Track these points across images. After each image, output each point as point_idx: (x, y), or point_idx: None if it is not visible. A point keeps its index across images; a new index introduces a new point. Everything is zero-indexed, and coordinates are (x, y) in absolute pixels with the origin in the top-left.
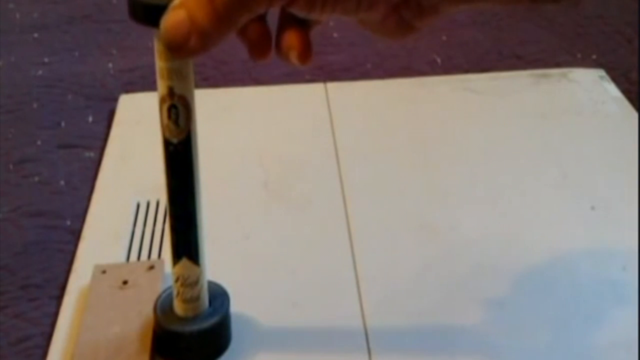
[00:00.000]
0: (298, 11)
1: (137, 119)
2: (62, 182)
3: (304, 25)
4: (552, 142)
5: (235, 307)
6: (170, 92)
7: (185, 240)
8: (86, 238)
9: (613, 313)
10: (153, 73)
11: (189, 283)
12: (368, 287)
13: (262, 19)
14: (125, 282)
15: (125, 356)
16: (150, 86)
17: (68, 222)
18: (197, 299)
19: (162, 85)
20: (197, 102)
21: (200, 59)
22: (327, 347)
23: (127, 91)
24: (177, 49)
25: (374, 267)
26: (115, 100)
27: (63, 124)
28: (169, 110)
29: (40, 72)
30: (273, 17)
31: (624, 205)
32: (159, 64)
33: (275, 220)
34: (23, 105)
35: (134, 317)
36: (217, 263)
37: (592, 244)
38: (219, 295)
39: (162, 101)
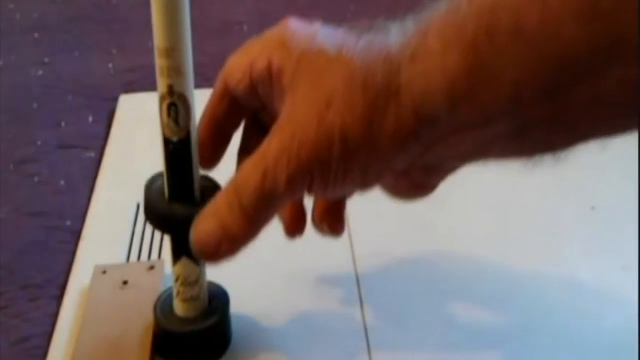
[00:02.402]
0: (317, 192)
1: (137, 119)
2: (62, 182)
3: (336, 200)
4: None
5: (235, 307)
6: (170, 90)
7: (185, 239)
8: (86, 238)
9: (613, 313)
10: (153, 73)
11: (189, 282)
12: (368, 287)
13: (298, 200)
14: (125, 282)
15: (125, 356)
16: (150, 86)
17: (68, 222)
18: (196, 298)
19: (161, 83)
20: (197, 102)
21: (200, 58)
22: (327, 348)
23: (127, 91)
24: (209, 256)
25: (374, 267)
26: (115, 100)
27: (63, 124)
28: (169, 108)
29: (40, 72)
30: None
31: (624, 205)
32: (159, 62)
33: (275, 221)
34: (23, 105)
35: (134, 317)
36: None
37: (592, 244)
38: (218, 295)
39: (161, 99)
